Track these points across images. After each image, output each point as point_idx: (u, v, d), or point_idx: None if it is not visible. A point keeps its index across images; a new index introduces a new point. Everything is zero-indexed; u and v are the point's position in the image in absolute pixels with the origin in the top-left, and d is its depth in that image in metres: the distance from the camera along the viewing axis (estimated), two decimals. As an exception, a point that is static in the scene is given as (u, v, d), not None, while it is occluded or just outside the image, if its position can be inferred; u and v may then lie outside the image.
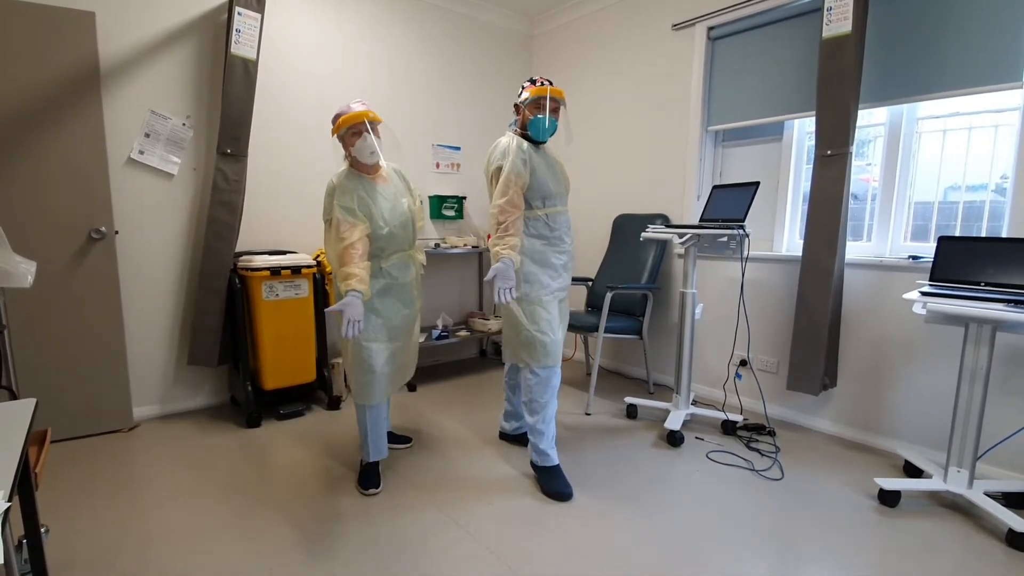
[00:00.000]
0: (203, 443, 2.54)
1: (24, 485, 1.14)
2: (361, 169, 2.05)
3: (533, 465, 2.23)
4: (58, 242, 2.44)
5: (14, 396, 1.71)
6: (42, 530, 1.30)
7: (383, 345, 2.08)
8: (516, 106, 2.26)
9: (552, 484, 2.12)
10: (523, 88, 2.22)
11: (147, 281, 2.79)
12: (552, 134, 2.20)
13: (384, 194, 2.06)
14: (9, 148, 2.32)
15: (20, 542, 1.40)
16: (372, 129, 2.00)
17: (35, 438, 1.43)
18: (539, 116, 2.14)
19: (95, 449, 2.46)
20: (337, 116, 2.02)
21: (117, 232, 2.61)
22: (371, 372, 2.05)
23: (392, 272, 2.08)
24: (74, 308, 2.50)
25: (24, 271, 1.60)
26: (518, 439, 2.55)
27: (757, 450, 2.51)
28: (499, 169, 2.13)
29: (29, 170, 2.36)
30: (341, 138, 2.03)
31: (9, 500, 0.79)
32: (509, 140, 2.17)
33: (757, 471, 2.30)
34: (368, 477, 2.12)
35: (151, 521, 1.89)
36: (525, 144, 2.16)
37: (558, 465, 2.18)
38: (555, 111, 2.19)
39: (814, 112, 2.52)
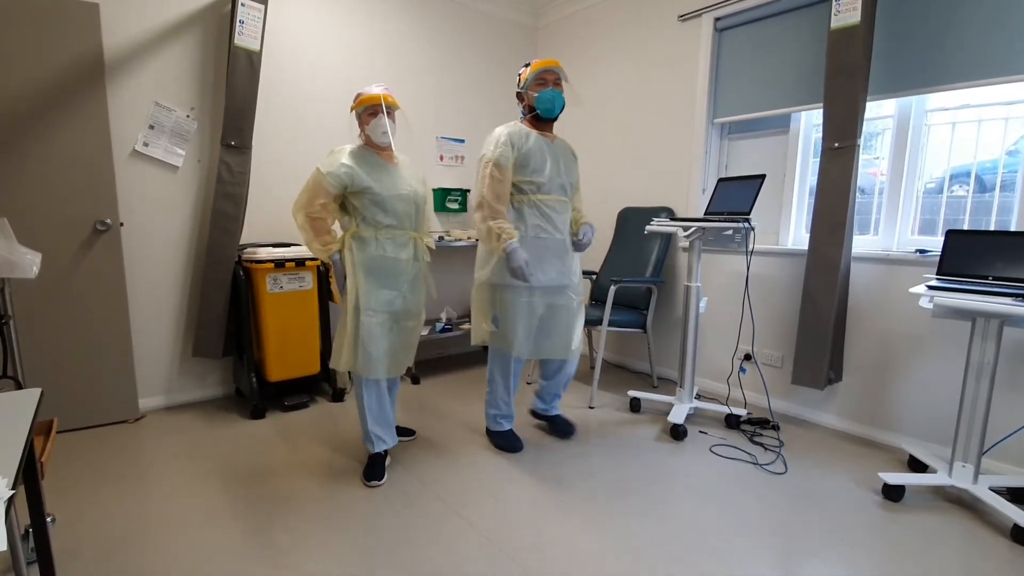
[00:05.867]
0: (208, 434, 2.56)
1: (29, 474, 1.15)
2: (372, 147, 2.12)
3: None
4: (63, 234, 2.45)
5: (19, 386, 1.73)
6: (48, 519, 1.32)
7: (379, 318, 2.08)
8: (519, 95, 2.27)
9: (496, 440, 2.44)
10: (519, 75, 2.25)
11: (152, 273, 2.80)
12: (561, 107, 2.20)
13: (388, 170, 2.10)
14: (15, 140, 2.32)
15: (27, 531, 1.41)
16: (388, 113, 2.06)
17: (41, 428, 1.44)
18: (543, 91, 2.16)
19: (101, 439, 2.48)
20: (358, 95, 2.10)
21: (122, 224, 2.62)
22: (367, 343, 2.05)
23: (386, 245, 2.07)
24: (79, 299, 2.51)
25: (29, 262, 1.61)
26: (548, 419, 2.60)
27: (761, 444, 2.50)
28: (480, 158, 2.20)
29: (34, 162, 2.37)
30: (358, 116, 2.10)
31: (14, 488, 0.79)
32: (500, 129, 2.20)
33: (761, 465, 2.30)
34: (372, 469, 2.13)
35: (156, 511, 1.91)
36: (520, 132, 2.18)
37: (490, 431, 2.48)
38: (558, 83, 2.20)
39: (821, 104, 2.50)
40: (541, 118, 2.23)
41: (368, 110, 2.06)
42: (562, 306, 2.34)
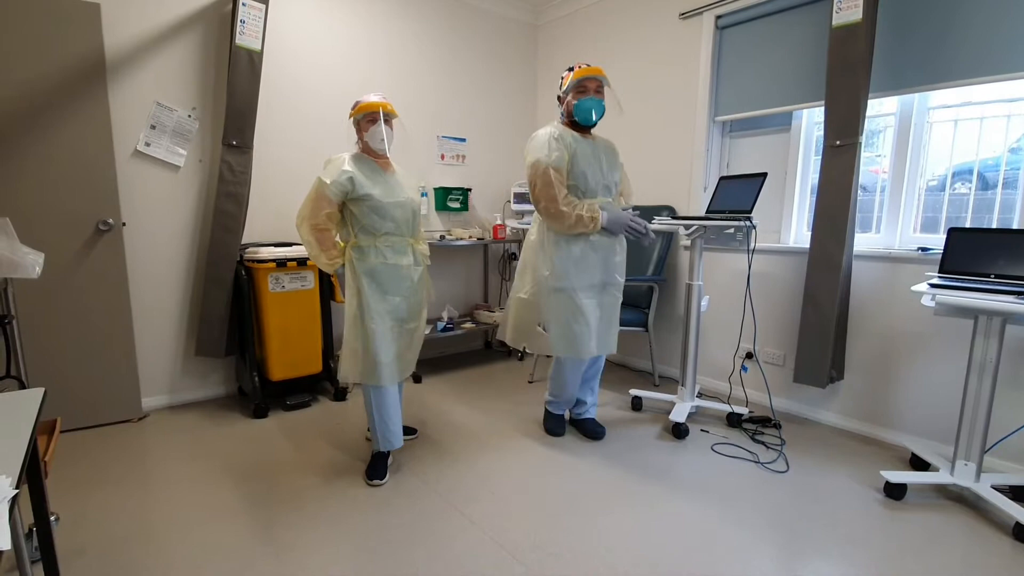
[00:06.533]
0: (211, 433, 2.57)
1: (33, 473, 1.16)
2: (370, 155, 2.13)
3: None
4: (66, 234, 2.46)
5: (23, 385, 1.73)
6: (52, 518, 1.32)
7: (386, 325, 2.09)
8: (559, 98, 2.30)
9: (548, 423, 2.59)
10: (562, 78, 2.26)
11: (154, 272, 2.81)
12: (601, 116, 2.22)
13: (386, 177, 2.12)
14: (16, 140, 2.33)
15: (30, 530, 1.42)
16: (386, 120, 2.09)
17: (45, 427, 1.45)
18: (583, 99, 2.17)
19: (105, 439, 2.49)
20: (357, 103, 2.12)
21: (124, 224, 2.63)
22: (375, 351, 2.06)
23: (385, 252, 2.08)
24: (82, 299, 2.52)
25: (32, 262, 1.62)
26: (579, 424, 2.62)
27: (762, 443, 2.50)
28: (532, 163, 2.21)
29: (37, 162, 2.37)
30: (357, 123, 2.12)
31: (17, 488, 0.80)
32: (545, 131, 2.22)
33: (762, 463, 2.30)
34: (374, 468, 2.13)
35: (160, 509, 1.91)
36: (565, 133, 2.20)
37: (548, 413, 2.60)
38: (599, 91, 2.20)
39: (823, 102, 2.49)
40: (579, 124, 2.25)
41: (367, 117, 2.08)
42: (608, 303, 2.37)
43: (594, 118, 2.21)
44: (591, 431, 2.54)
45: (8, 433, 0.97)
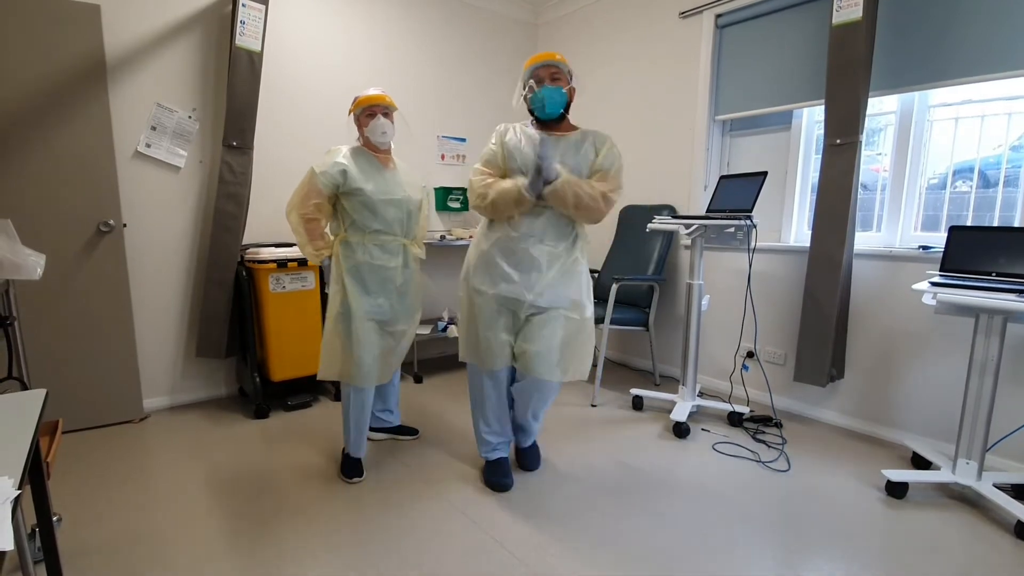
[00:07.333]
0: (212, 434, 2.57)
1: (35, 474, 1.16)
2: (371, 149, 2.11)
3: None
4: (67, 235, 2.46)
5: (25, 387, 1.73)
6: (54, 519, 1.33)
7: (367, 325, 2.04)
8: (524, 96, 2.06)
9: (484, 473, 2.15)
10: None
11: (155, 273, 2.81)
12: (557, 105, 1.92)
13: (384, 174, 2.08)
14: (17, 142, 2.33)
15: (33, 530, 1.42)
16: (386, 114, 2.08)
17: (47, 428, 1.45)
18: (536, 91, 1.94)
19: (106, 440, 2.49)
20: (356, 98, 2.11)
21: (125, 225, 2.63)
22: (354, 351, 2.02)
23: (373, 251, 2.03)
24: (83, 300, 2.52)
25: (33, 263, 1.62)
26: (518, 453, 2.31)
27: (764, 442, 2.50)
28: None
29: (38, 164, 2.37)
30: (357, 118, 2.11)
31: (20, 488, 0.80)
32: (505, 125, 2.05)
33: (763, 463, 2.30)
34: (351, 467, 2.13)
35: (161, 510, 1.92)
36: (514, 128, 2.01)
37: (487, 461, 2.16)
38: (555, 79, 1.92)
39: (823, 100, 2.49)
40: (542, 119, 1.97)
41: (366, 111, 2.06)
42: (536, 318, 1.96)
43: (548, 108, 1.91)
44: (524, 463, 2.24)
45: (10, 434, 0.97)
